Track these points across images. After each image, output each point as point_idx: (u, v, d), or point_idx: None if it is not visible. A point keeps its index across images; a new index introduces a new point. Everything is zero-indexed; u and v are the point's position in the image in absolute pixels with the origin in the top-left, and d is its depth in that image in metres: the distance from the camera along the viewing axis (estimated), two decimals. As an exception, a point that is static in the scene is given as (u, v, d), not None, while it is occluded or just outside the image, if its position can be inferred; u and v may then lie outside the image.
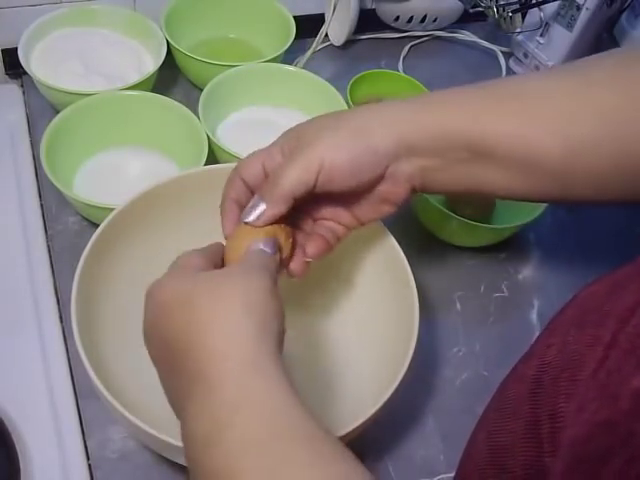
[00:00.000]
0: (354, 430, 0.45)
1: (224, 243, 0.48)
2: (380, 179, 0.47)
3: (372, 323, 0.57)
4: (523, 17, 0.87)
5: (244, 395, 0.35)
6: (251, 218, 0.46)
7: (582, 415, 0.34)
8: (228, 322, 0.37)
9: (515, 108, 0.45)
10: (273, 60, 0.77)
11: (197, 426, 0.36)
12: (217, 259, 0.46)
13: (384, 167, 0.46)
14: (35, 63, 0.73)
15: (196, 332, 0.37)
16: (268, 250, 0.45)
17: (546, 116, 0.44)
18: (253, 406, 0.35)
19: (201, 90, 0.71)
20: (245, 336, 0.37)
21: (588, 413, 0.34)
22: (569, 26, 0.83)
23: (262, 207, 0.46)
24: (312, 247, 0.49)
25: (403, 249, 0.54)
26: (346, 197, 0.48)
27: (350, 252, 0.59)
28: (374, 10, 0.91)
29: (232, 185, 0.48)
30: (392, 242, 0.54)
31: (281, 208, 0.46)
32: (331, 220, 0.51)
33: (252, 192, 0.48)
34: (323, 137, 0.45)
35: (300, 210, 0.50)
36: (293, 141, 0.47)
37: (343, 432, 0.44)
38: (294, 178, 0.45)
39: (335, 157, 0.45)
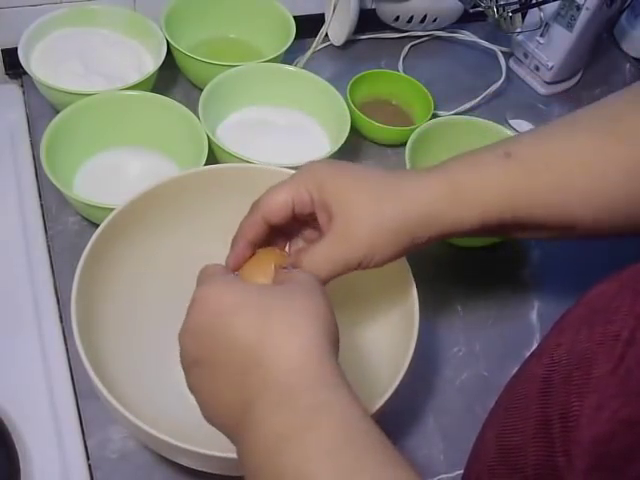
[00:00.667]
0: (354, 430, 0.45)
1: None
2: None
3: (372, 323, 0.57)
4: (523, 17, 0.87)
5: (319, 404, 0.36)
6: None
7: (602, 413, 0.34)
8: (305, 335, 0.38)
9: (546, 180, 0.46)
10: (273, 60, 0.77)
11: (267, 430, 0.36)
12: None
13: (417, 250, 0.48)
14: (35, 63, 0.73)
15: (272, 341, 0.37)
16: None
17: (577, 186, 0.45)
18: (328, 414, 0.35)
19: (201, 90, 0.71)
20: (320, 350, 0.38)
21: (609, 411, 0.34)
22: (569, 26, 0.83)
23: None
24: None
25: (403, 249, 0.54)
26: None
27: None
28: (374, 10, 0.91)
29: (252, 225, 0.48)
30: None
31: None
32: None
33: (272, 228, 0.48)
34: (366, 232, 0.45)
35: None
36: (328, 190, 0.46)
37: (343, 432, 0.44)
38: (333, 274, 0.46)
39: (373, 261, 0.46)
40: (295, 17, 0.81)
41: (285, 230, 0.51)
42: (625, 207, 0.46)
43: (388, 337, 0.54)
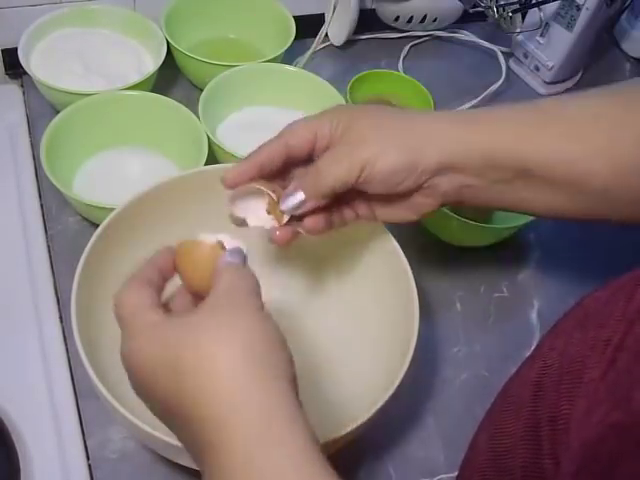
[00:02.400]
0: (354, 430, 0.45)
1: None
2: (416, 190, 0.47)
3: (372, 323, 0.57)
4: (523, 17, 0.87)
5: (256, 470, 0.32)
6: (289, 206, 0.46)
7: (592, 417, 0.34)
8: (233, 389, 0.33)
9: (561, 130, 0.46)
10: (273, 60, 0.77)
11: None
12: (166, 273, 0.42)
13: (422, 181, 0.47)
14: (35, 63, 0.73)
15: (193, 403, 0.33)
16: (237, 261, 0.40)
17: (591, 139, 0.45)
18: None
19: (201, 90, 0.71)
20: (254, 404, 0.32)
21: (598, 415, 0.34)
22: (569, 26, 0.83)
23: (300, 197, 0.46)
24: (311, 222, 0.48)
25: (403, 249, 0.54)
26: (375, 195, 0.49)
27: (350, 253, 0.58)
28: (374, 10, 0.91)
29: (272, 149, 0.47)
30: (392, 242, 0.54)
31: (321, 202, 0.46)
32: (347, 205, 0.51)
33: (290, 161, 0.48)
34: (373, 141, 0.46)
35: None
36: (344, 124, 0.47)
37: (343, 432, 0.44)
38: (337, 177, 0.45)
39: (377, 166, 0.45)
40: (295, 17, 0.81)
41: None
42: (638, 177, 0.45)
43: (388, 337, 0.54)
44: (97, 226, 0.52)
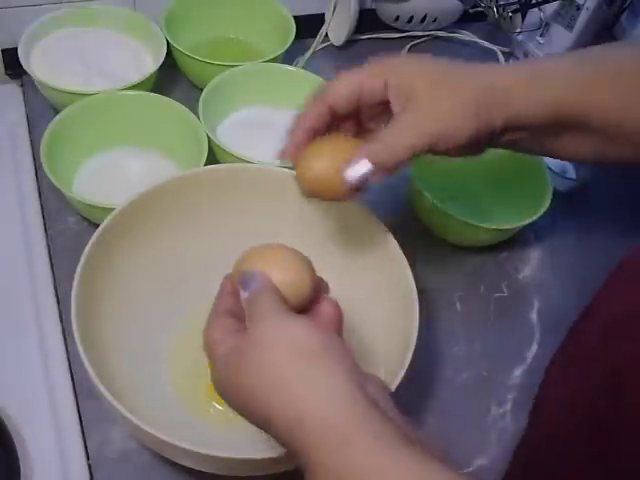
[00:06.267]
0: (354, 430, 0.45)
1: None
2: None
3: (372, 323, 0.57)
4: (523, 17, 0.87)
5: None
6: (355, 177, 0.45)
7: None
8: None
9: (629, 82, 0.47)
10: (273, 60, 0.77)
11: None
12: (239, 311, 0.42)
13: (485, 141, 0.48)
14: (35, 63, 0.73)
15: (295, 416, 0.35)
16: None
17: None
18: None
19: (201, 90, 0.71)
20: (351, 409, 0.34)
21: None
22: (569, 26, 0.83)
23: (368, 167, 0.45)
24: None
25: (403, 249, 0.54)
26: None
27: (349, 252, 0.59)
28: (374, 10, 0.91)
29: (314, 115, 0.47)
30: (392, 242, 0.55)
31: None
32: None
33: (335, 118, 0.47)
34: (440, 109, 0.45)
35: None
36: (406, 89, 0.46)
37: (343, 432, 0.44)
38: (407, 148, 0.45)
39: (450, 142, 0.45)
40: (295, 17, 0.81)
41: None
42: None
43: (387, 337, 0.54)
44: (97, 226, 0.52)
